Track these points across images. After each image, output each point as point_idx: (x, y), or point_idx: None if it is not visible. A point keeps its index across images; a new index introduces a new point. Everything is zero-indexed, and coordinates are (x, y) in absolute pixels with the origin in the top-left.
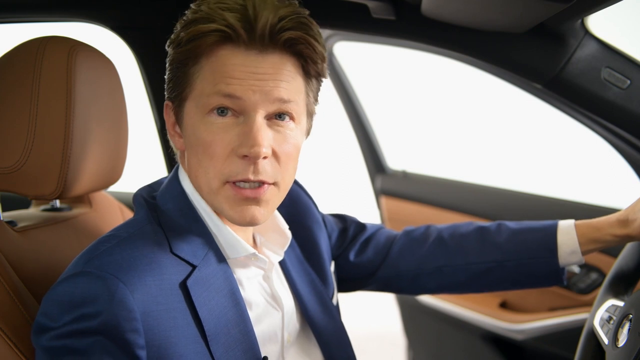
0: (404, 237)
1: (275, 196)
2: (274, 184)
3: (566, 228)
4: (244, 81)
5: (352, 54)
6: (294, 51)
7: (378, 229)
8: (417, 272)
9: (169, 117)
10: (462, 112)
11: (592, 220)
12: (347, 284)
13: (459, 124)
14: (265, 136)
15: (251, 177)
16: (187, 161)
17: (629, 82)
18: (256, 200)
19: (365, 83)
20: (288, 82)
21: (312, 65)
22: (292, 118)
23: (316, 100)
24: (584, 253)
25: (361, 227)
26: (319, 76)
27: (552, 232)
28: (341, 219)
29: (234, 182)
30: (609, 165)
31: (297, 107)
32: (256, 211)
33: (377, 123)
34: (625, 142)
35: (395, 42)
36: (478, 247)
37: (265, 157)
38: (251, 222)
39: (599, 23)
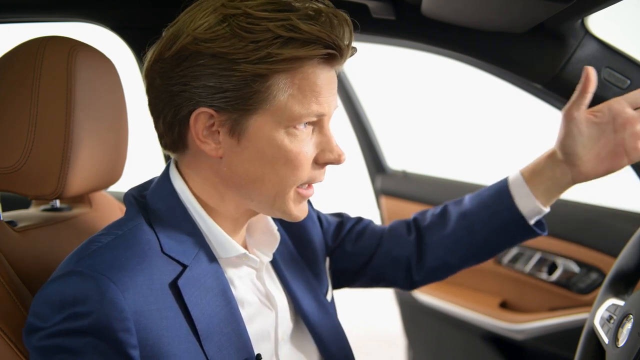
0: (392, 224)
1: None
2: None
3: (514, 175)
4: (328, 98)
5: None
6: None
7: (372, 221)
8: (406, 255)
9: (201, 124)
10: (462, 112)
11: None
12: (345, 277)
13: (459, 124)
14: None
15: (323, 179)
16: (237, 170)
17: (629, 82)
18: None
19: (365, 83)
20: None
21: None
22: None
23: None
24: (537, 196)
25: (358, 220)
26: None
27: (504, 182)
28: (338, 215)
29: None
30: None
31: None
32: (307, 206)
33: (377, 123)
34: None
35: (395, 42)
36: (445, 220)
37: None
38: (302, 217)
39: (599, 23)
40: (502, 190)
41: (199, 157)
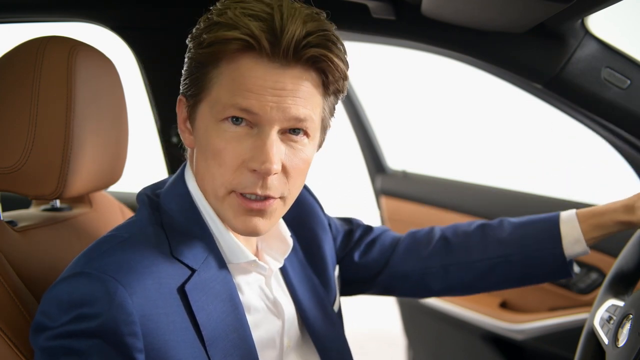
0: (409, 238)
1: (280, 208)
2: (280, 198)
3: (568, 217)
4: (261, 96)
5: (352, 54)
6: (316, 67)
7: (384, 231)
8: (422, 272)
9: (181, 112)
10: (462, 112)
11: (595, 206)
12: (352, 286)
13: (459, 124)
14: (277, 152)
15: (259, 191)
16: (195, 160)
17: (629, 82)
18: (261, 212)
19: (365, 83)
20: (306, 99)
21: (333, 82)
22: (306, 134)
23: (332, 114)
24: (588, 241)
25: (367, 229)
26: (337, 92)
27: (555, 222)
28: (347, 221)
29: (240, 193)
30: (609, 165)
31: (313, 124)
32: (259, 222)
33: (377, 123)
34: (625, 142)
35: (395, 42)
36: (482, 244)
37: (275, 174)
38: (253, 233)
39: (599, 23)
40: (551, 232)
41: (193, 150)
